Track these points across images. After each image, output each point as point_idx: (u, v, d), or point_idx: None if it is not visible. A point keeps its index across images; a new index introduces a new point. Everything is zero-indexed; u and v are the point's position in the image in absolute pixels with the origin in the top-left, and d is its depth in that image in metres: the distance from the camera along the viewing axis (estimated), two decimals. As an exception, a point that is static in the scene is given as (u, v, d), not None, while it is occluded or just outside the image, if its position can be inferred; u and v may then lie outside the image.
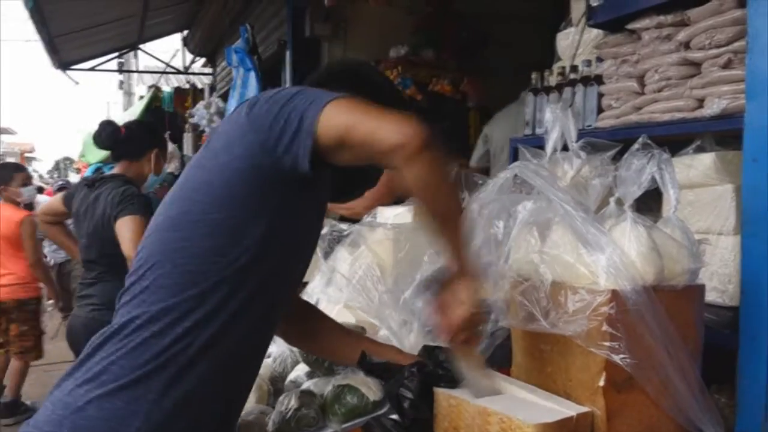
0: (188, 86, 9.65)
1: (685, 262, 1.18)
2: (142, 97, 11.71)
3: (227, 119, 1.14)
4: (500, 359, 1.41)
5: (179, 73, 10.12)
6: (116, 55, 9.66)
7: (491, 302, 1.35)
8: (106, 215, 2.61)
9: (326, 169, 1.08)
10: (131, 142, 2.83)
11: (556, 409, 1.12)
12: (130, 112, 10.16)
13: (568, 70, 2.23)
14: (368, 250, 1.86)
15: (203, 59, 9.73)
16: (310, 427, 1.38)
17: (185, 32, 8.87)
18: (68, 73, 8.71)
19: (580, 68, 2.16)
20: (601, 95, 2.02)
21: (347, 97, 1.06)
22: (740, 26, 1.52)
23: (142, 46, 9.13)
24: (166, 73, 10.22)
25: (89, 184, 2.81)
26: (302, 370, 1.66)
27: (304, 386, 1.54)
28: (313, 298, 1.88)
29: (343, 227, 2.09)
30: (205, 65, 9.92)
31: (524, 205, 1.33)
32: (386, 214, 2.06)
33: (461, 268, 1.13)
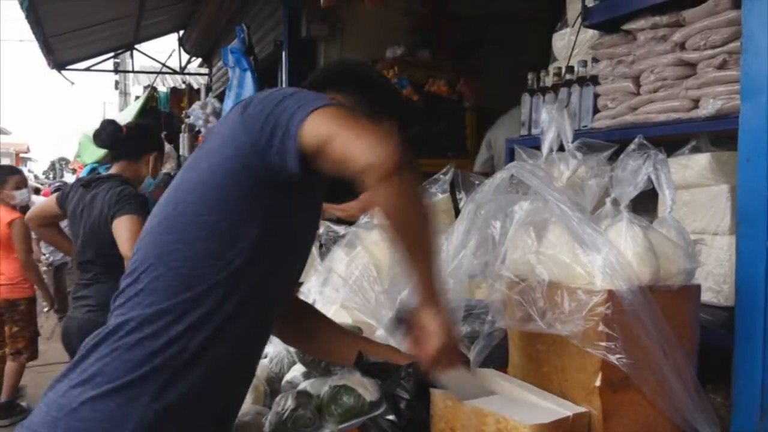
0: (184, 86, 9.63)
1: (680, 262, 1.19)
2: (138, 97, 11.69)
3: (222, 120, 1.14)
4: (497, 359, 1.41)
5: (175, 73, 10.09)
6: (112, 55, 9.63)
7: (488, 303, 1.36)
8: (103, 215, 2.60)
9: (316, 172, 1.07)
10: (131, 142, 2.83)
11: (552, 409, 1.13)
12: (126, 112, 10.13)
13: (563, 70, 2.23)
14: (365, 250, 1.86)
15: (199, 59, 9.71)
16: (306, 427, 1.38)
17: (181, 32, 8.85)
18: (64, 73, 8.66)
19: (575, 69, 2.16)
20: (596, 96, 2.02)
21: (335, 106, 1.05)
22: (735, 27, 1.53)
23: (138, 46, 9.10)
24: (162, 73, 10.19)
25: (85, 184, 2.80)
26: (299, 370, 1.66)
27: (300, 387, 1.54)
28: (309, 298, 1.88)
29: (338, 228, 2.09)
30: (201, 65, 9.90)
31: (521, 205, 1.33)
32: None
33: (428, 296, 1.10)
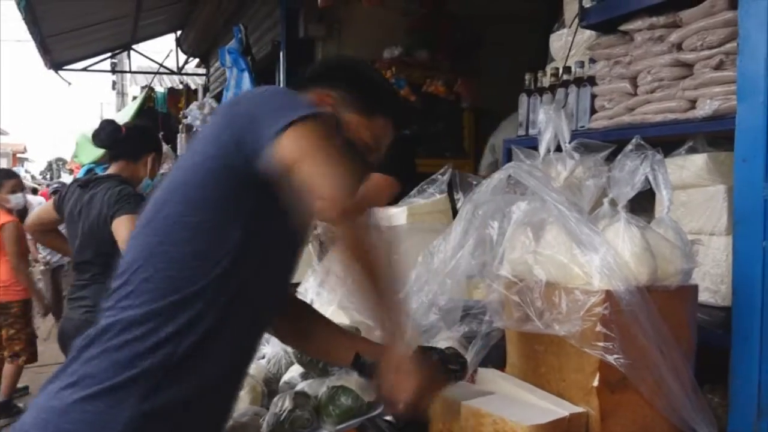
0: (182, 87, 9.62)
1: (678, 262, 1.19)
2: (135, 97, 11.66)
3: (208, 123, 1.14)
4: (495, 360, 1.41)
5: (173, 73, 10.08)
6: (109, 55, 9.62)
7: (486, 303, 1.36)
8: (102, 215, 2.60)
9: None
10: (130, 143, 2.83)
11: (549, 409, 1.13)
12: (123, 112, 10.11)
13: (561, 71, 2.23)
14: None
15: (197, 60, 9.70)
16: (304, 428, 1.38)
17: (179, 33, 8.84)
18: (61, 73, 8.66)
19: (573, 69, 2.17)
20: (594, 96, 2.02)
21: (313, 122, 1.02)
22: (732, 28, 1.53)
23: (135, 46, 9.09)
24: (159, 73, 10.18)
25: (82, 184, 2.80)
26: (296, 371, 1.66)
27: (298, 387, 1.54)
28: (306, 298, 1.88)
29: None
30: (198, 66, 9.89)
31: (518, 205, 1.33)
32: (381, 214, 2.06)
33: (393, 336, 1.09)
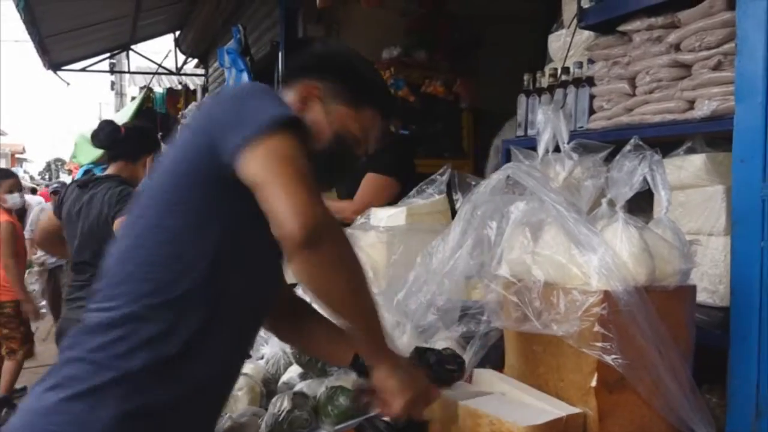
0: (180, 87, 9.61)
1: (676, 262, 1.19)
2: (134, 98, 11.66)
3: (183, 125, 1.13)
4: (494, 360, 1.41)
5: (171, 74, 10.08)
6: (108, 55, 9.62)
7: (484, 303, 1.36)
8: (102, 215, 2.60)
9: None
10: (130, 143, 2.82)
11: (546, 410, 1.13)
12: (122, 113, 10.10)
13: (559, 71, 2.24)
14: (361, 252, 1.85)
15: (195, 60, 9.70)
16: (303, 428, 1.38)
17: (177, 33, 8.84)
18: (59, 73, 8.66)
19: (571, 70, 2.17)
20: (592, 97, 2.02)
21: (285, 137, 0.99)
22: (730, 28, 1.53)
23: (134, 46, 9.09)
24: (158, 74, 10.17)
25: (81, 185, 2.80)
26: (295, 371, 1.66)
27: (297, 388, 1.54)
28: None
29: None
30: (197, 66, 9.89)
31: (517, 206, 1.33)
32: (379, 215, 2.06)
33: (376, 356, 1.09)
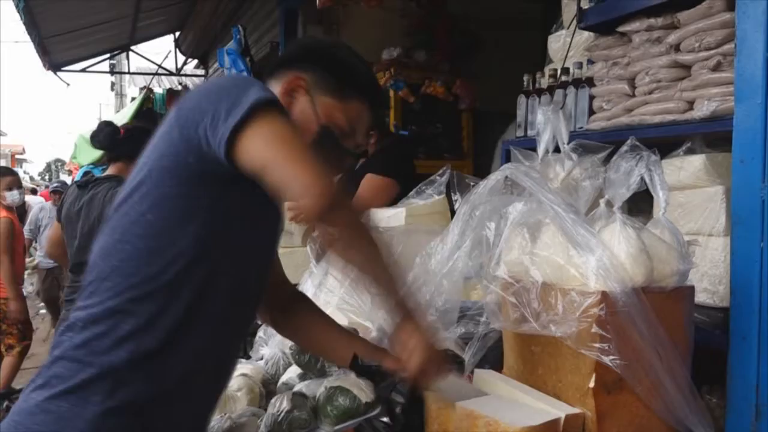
0: (180, 88, 9.61)
1: (674, 263, 1.19)
2: (134, 98, 11.65)
3: (166, 117, 1.12)
4: (493, 361, 1.41)
5: (171, 74, 10.09)
6: (108, 56, 9.62)
7: (483, 304, 1.36)
8: (103, 216, 2.60)
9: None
10: (129, 144, 2.82)
11: (543, 410, 1.12)
12: (122, 113, 10.11)
13: (559, 72, 2.24)
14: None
15: (195, 60, 9.70)
16: (302, 429, 1.38)
17: (177, 34, 8.84)
18: (59, 74, 8.66)
19: (571, 70, 2.17)
20: (592, 97, 2.02)
21: (274, 117, 1.01)
22: (729, 29, 1.53)
23: (134, 47, 9.09)
24: (158, 74, 10.18)
25: (81, 185, 2.80)
26: (294, 371, 1.66)
27: (296, 388, 1.54)
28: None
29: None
30: (197, 67, 9.89)
31: (515, 206, 1.33)
32: (379, 216, 2.06)
33: (400, 313, 1.11)
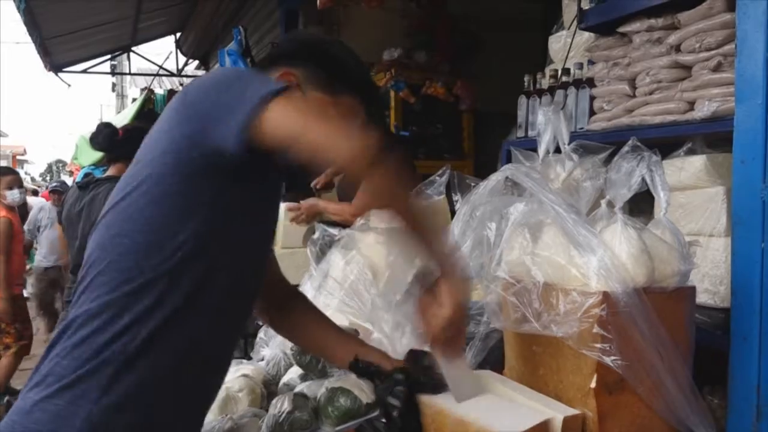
0: (181, 88, 9.60)
1: (675, 263, 1.19)
2: (135, 99, 11.67)
3: (163, 113, 1.12)
4: (494, 362, 1.41)
5: (172, 75, 10.09)
6: (109, 57, 9.63)
7: (484, 304, 1.36)
8: None
9: (268, 159, 1.03)
10: (129, 144, 2.82)
11: (538, 412, 1.11)
12: (123, 114, 10.12)
13: (560, 72, 2.24)
14: (360, 254, 1.85)
15: (196, 61, 9.71)
16: (303, 430, 1.38)
17: (178, 34, 8.85)
18: (60, 75, 8.67)
19: (572, 71, 2.17)
20: (592, 98, 2.03)
21: (293, 94, 1.02)
22: (730, 29, 1.53)
23: (135, 48, 9.10)
24: (159, 75, 10.19)
25: (82, 186, 2.81)
26: (296, 372, 1.66)
27: (297, 389, 1.54)
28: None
29: (334, 231, 2.09)
30: (198, 67, 9.90)
31: (516, 207, 1.33)
32: (380, 216, 2.06)
33: (441, 269, 1.11)
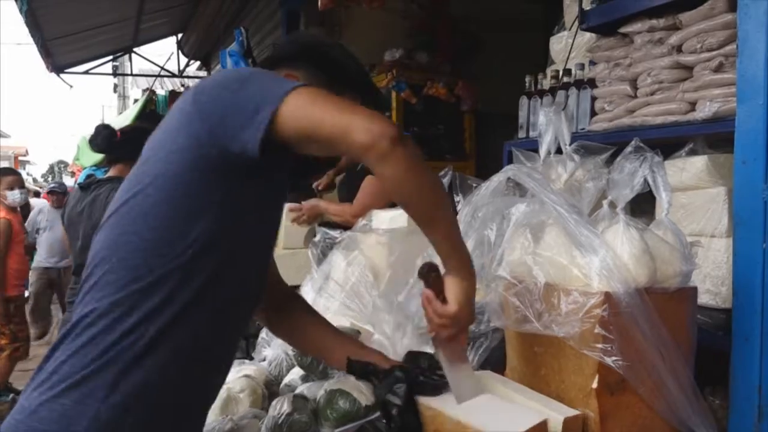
0: (183, 89, 9.63)
1: (677, 264, 1.19)
2: (136, 100, 11.68)
3: (172, 111, 1.11)
4: (495, 362, 1.41)
5: (174, 76, 10.11)
6: (111, 58, 9.65)
7: (485, 304, 1.35)
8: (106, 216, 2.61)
9: (278, 158, 1.04)
10: (128, 145, 2.83)
11: (537, 413, 1.11)
12: (124, 115, 10.13)
13: (561, 73, 2.24)
14: (361, 255, 1.85)
15: (198, 62, 9.72)
16: None
17: (180, 35, 8.86)
18: (62, 76, 8.69)
19: (573, 72, 2.17)
20: (594, 98, 2.02)
21: (308, 87, 1.02)
22: (731, 30, 1.53)
23: (136, 49, 9.12)
24: (160, 76, 10.20)
25: (84, 187, 2.81)
26: (297, 373, 1.66)
27: (297, 391, 1.54)
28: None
29: (335, 233, 2.08)
30: (199, 68, 9.91)
31: (518, 207, 1.33)
32: (381, 218, 2.06)
33: (452, 264, 1.10)
